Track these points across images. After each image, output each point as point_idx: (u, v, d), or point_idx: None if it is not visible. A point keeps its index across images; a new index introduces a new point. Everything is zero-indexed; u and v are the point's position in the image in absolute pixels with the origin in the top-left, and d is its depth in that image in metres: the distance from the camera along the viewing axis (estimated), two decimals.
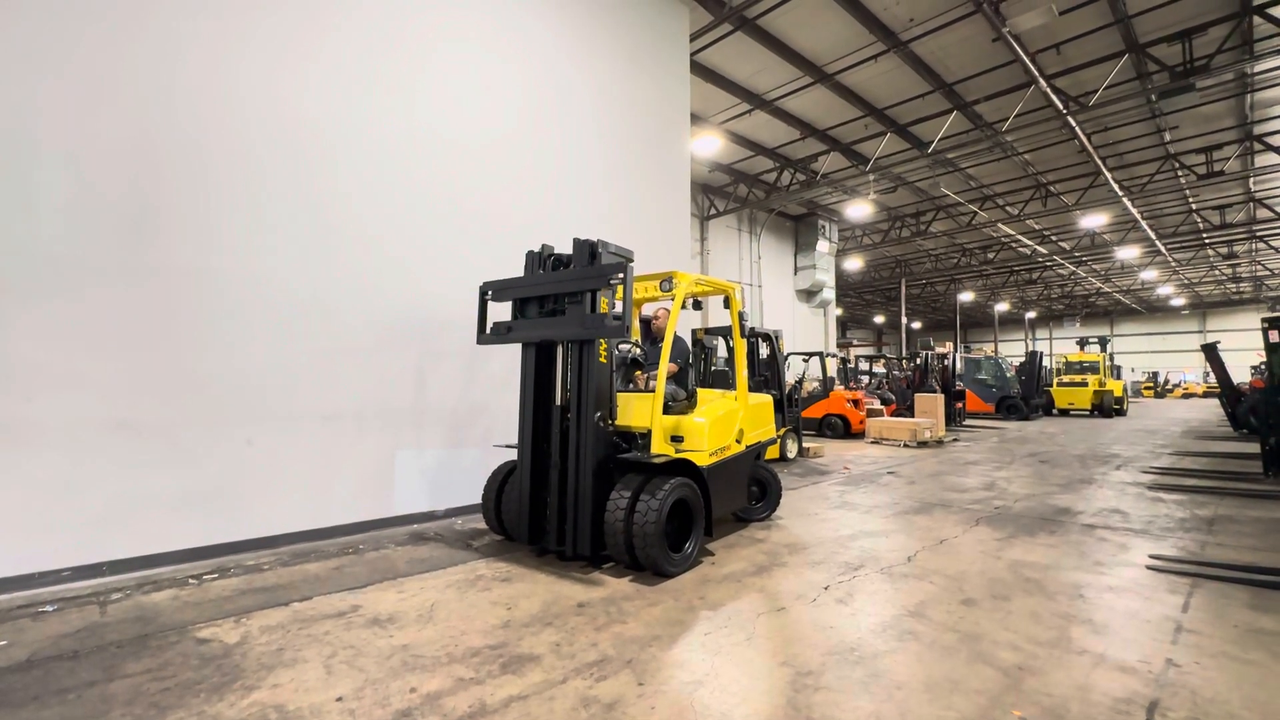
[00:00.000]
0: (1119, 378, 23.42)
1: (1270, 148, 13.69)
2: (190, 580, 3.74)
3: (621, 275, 3.84)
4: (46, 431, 3.64)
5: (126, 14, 3.97)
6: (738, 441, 4.80)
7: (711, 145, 13.24)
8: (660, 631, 2.97)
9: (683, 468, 4.07)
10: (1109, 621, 3.11)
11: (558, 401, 4.34)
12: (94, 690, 2.42)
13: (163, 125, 4.08)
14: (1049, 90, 10.47)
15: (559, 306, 4.24)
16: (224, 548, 4.21)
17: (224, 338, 4.29)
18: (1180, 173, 15.32)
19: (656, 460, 3.92)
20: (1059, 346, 41.01)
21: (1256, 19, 9.29)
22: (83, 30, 3.82)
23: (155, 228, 4.03)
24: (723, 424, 4.62)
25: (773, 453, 8.61)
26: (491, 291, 4.50)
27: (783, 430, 8.66)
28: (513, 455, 4.64)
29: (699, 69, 10.69)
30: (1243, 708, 2.28)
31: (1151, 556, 4.19)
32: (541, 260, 4.43)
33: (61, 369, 3.69)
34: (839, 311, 32.06)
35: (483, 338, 4.51)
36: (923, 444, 11.21)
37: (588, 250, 4.15)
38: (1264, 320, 7.08)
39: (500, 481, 4.58)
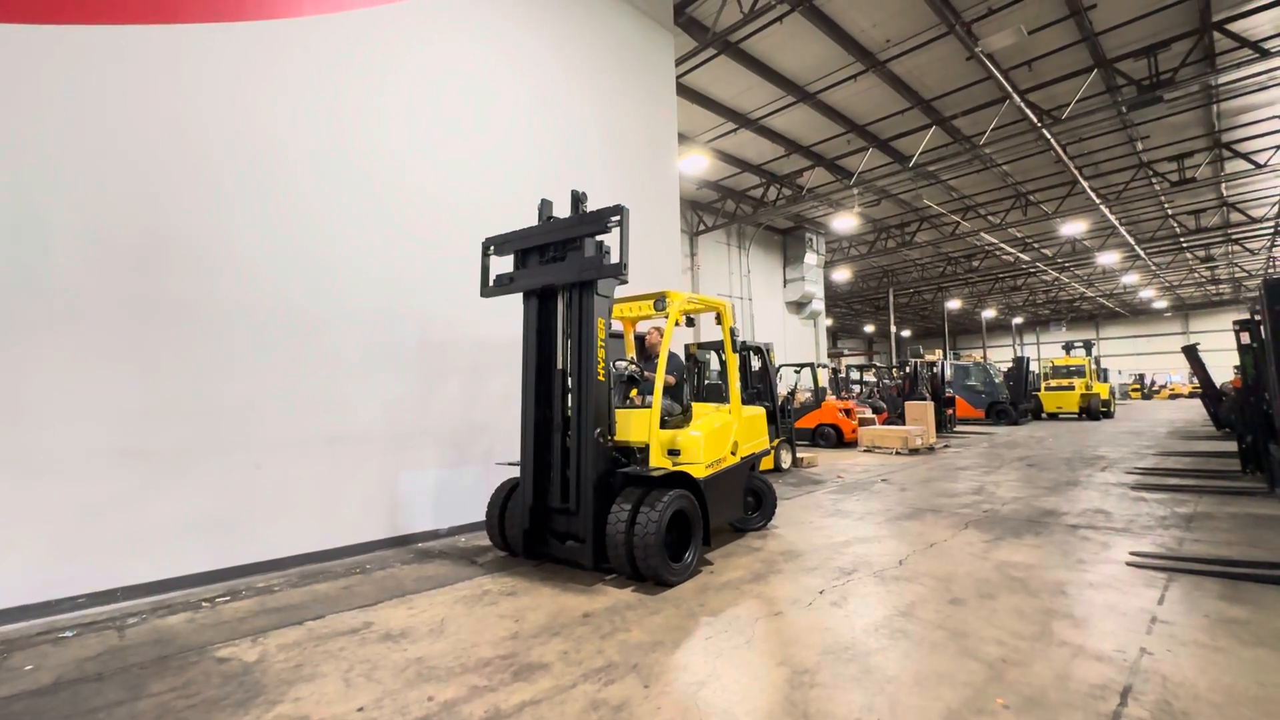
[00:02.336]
0: (1105, 381, 23.81)
1: (1238, 154, 14.16)
2: (203, 603, 3.83)
3: (617, 218, 4.01)
4: (61, 460, 3.74)
5: (146, 71, 4.15)
6: (733, 453, 4.95)
7: (699, 164, 13.53)
8: (663, 638, 3.10)
9: (680, 480, 4.22)
10: (1088, 615, 3.27)
11: (559, 365, 4.46)
12: (122, 709, 2.52)
13: (170, 164, 4.24)
14: (1023, 105, 10.84)
15: (559, 254, 4.43)
16: (234, 570, 4.30)
17: (231, 365, 4.42)
18: (1154, 180, 15.76)
19: (655, 473, 4.07)
20: (1046, 351, 41.53)
21: (1217, 34, 9.70)
22: (93, 80, 3.99)
23: (164, 262, 4.17)
24: (718, 437, 4.78)
25: (767, 463, 8.74)
26: (494, 246, 4.71)
27: (776, 441, 8.82)
28: (514, 473, 4.77)
29: (685, 91, 10.99)
30: (1209, 690, 2.45)
31: (1131, 553, 4.37)
32: (541, 215, 4.67)
33: (75, 399, 3.80)
34: (829, 322, 32.42)
35: (486, 290, 4.70)
36: (914, 451, 11.40)
37: (581, 200, 4.57)
38: (1235, 323, 7.34)
39: (503, 499, 4.71)
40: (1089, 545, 4.68)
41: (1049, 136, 12.05)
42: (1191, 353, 12.61)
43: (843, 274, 25.71)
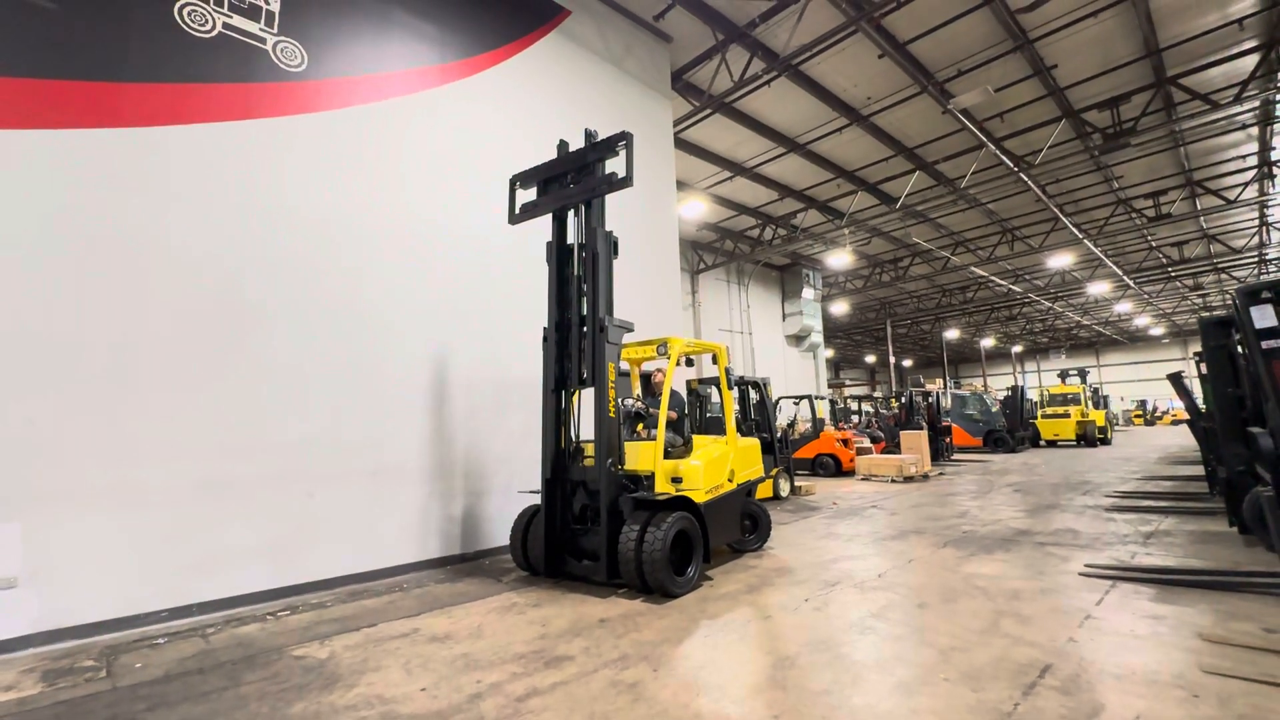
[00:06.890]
0: (1102, 407, 24.22)
1: (1210, 191, 14.93)
2: (269, 616, 4.40)
3: (624, 143, 4.75)
4: (150, 493, 4.37)
5: (216, 159, 4.92)
6: (730, 480, 5.54)
7: (698, 208, 14.39)
8: (669, 636, 3.66)
9: (683, 504, 4.81)
10: (1033, 615, 3.81)
11: (571, 272, 5.22)
12: (228, 693, 3.10)
13: (240, 238, 4.97)
14: (998, 152, 11.66)
15: (576, 180, 5.25)
16: (290, 589, 4.87)
17: (289, 408, 5.07)
18: (1133, 215, 16.52)
19: (660, 498, 4.66)
20: (1048, 379, 41.91)
21: (1172, 87, 10.54)
22: (180, 170, 4.76)
23: (235, 322, 4.87)
24: (716, 465, 5.38)
25: (767, 491, 9.28)
26: (520, 181, 5.57)
27: (775, 470, 9.37)
28: (535, 500, 5.35)
29: (684, 145, 11.87)
30: (1114, 667, 2.99)
31: (1086, 565, 4.90)
32: (560, 152, 5.49)
33: (162, 440, 4.45)
34: (830, 353, 33.00)
35: (513, 218, 5.57)
36: (909, 479, 11.88)
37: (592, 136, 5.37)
38: (1195, 354, 7.92)
39: (525, 524, 5.29)
40: (1051, 559, 5.21)
41: (1026, 179, 12.85)
42: (1176, 380, 13.11)
43: (840, 307, 26.41)
